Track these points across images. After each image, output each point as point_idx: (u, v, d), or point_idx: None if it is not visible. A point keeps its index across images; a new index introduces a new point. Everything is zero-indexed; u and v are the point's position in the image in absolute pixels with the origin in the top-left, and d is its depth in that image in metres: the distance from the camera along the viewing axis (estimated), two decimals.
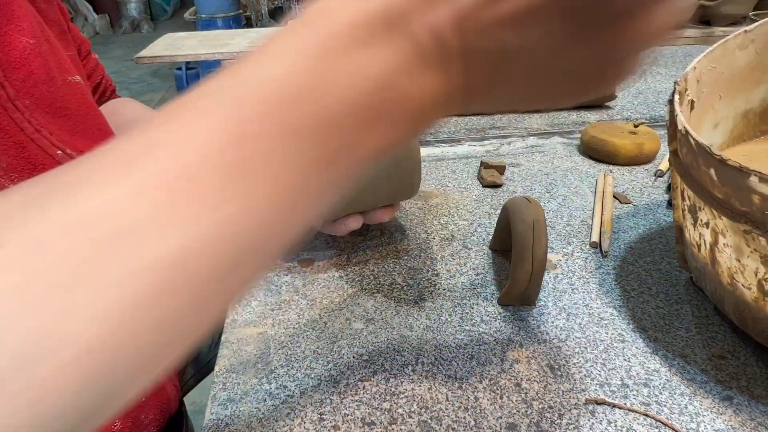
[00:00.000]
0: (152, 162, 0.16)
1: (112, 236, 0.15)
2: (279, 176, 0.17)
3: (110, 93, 0.67)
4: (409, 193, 0.45)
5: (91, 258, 0.15)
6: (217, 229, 0.16)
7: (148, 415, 0.51)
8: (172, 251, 0.16)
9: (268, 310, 0.44)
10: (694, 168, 0.36)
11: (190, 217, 0.16)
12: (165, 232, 0.16)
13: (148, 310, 0.15)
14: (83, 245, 0.15)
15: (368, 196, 0.42)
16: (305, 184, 0.18)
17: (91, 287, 0.15)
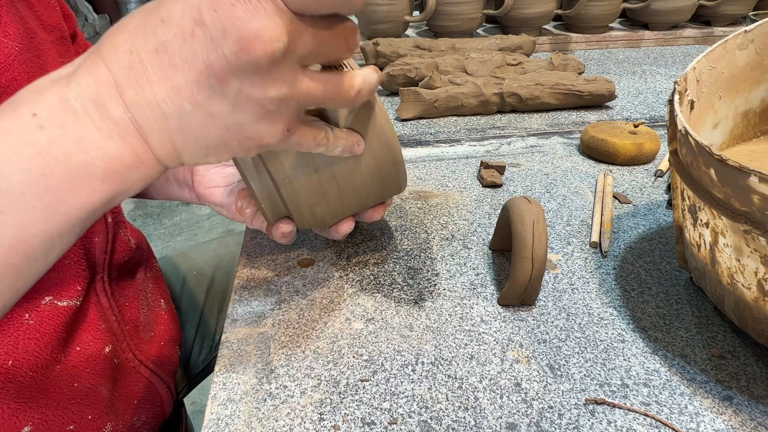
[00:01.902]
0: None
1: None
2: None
3: None
4: (396, 190, 0.45)
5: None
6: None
7: (140, 418, 0.50)
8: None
9: (268, 310, 0.44)
10: (694, 168, 0.36)
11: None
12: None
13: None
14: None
15: (354, 201, 0.42)
16: (12, 243, 0.24)
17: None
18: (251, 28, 0.23)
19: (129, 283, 0.52)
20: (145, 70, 0.24)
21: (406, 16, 1.11)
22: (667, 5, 1.16)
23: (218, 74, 0.24)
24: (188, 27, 0.23)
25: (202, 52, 0.23)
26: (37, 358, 0.40)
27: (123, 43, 0.24)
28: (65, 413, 0.42)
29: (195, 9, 0.23)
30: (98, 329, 0.45)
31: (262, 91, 0.25)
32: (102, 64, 0.24)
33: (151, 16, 0.23)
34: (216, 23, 0.23)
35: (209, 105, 0.25)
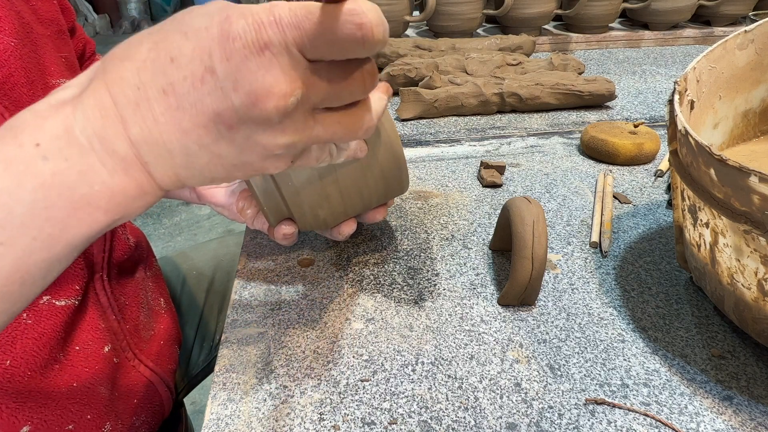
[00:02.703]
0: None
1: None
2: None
3: None
4: (399, 192, 0.45)
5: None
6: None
7: (140, 417, 0.50)
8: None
9: (268, 310, 0.44)
10: (694, 168, 0.36)
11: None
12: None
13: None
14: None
15: (357, 203, 0.43)
16: (10, 273, 0.24)
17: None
18: (264, 83, 0.22)
19: (128, 281, 0.52)
20: (151, 109, 0.23)
21: (406, 16, 1.11)
22: (667, 5, 1.16)
23: (227, 122, 0.23)
24: (198, 72, 0.22)
25: (211, 101, 0.22)
26: (36, 358, 0.40)
27: (131, 76, 0.23)
28: (64, 413, 0.42)
29: (206, 53, 0.22)
30: (98, 328, 0.45)
31: (272, 139, 0.24)
32: (108, 96, 0.23)
33: (160, 52, 0.22)
34: (228, 74, 0.22)
35: (216, 147, 0.24)
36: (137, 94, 0.23)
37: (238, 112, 0.23)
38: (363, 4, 0.23)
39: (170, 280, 0.69)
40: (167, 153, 0.24)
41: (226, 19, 0.22)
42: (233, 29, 0.21)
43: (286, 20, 0.22)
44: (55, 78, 0.45)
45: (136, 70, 0.23)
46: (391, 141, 0.41)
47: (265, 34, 0.22)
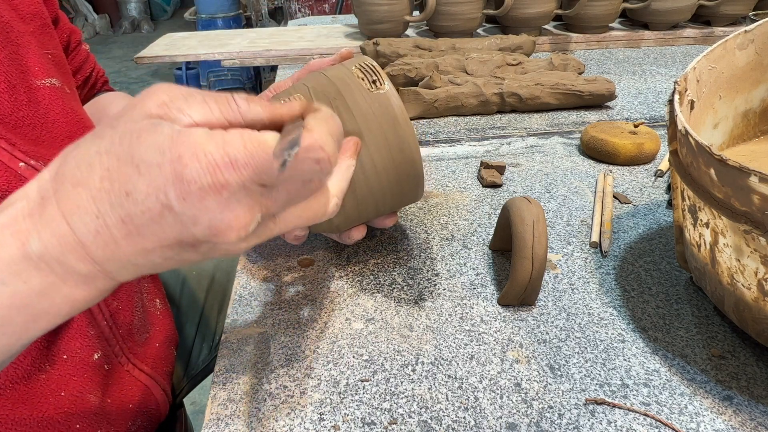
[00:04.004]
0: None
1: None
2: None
3: (101, 85, 0.65)
4: (412, 200, 0.45)
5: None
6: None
7: (136, 422, 0.50)
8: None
9: (268, 310, 0.44)
10: (694, 168, 0.36)
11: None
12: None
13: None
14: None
15: (371, 209, 0.43)
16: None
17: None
18: (223, 219, 0.22)
19: (122, 286, 0.51)
20: (112, 235, 0.23)
21: (406, 16, 1.11)
22: (667, 5, 1.16)
23: (189, 244, 0.23)
24: (156, 208, 0.22)
25: (171, 231, 0.23)
26: (17, 369, 0.39)
27: (87, 204, 0.22)
28: (52, 423, 0.41)
29: (162, 192, 0.21)
30: (86, 336, 0.45)
31: (235, 248, 0.25)
32: (65, 224, 0.23)
33: (114, 183, 0.22)
34: (185, 211, 0.22)
35: (180, 257, 0.24)
36: (96, 223, 0.23)
37: (199, 240, 0.23)
38: (318, 135, 0.23)
39: (170, 280, 0.69)
40: (133, 266, 0.24)
41: (179, 160, 0.21)
42: (187, 172, 0.21)
43: (241, 161, 0.21)
44: (41, 78, 0.43)
45: (91, 199, 0.22)
46: (411, 154, 0.41)
47: (221, 177, 0.21)
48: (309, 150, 0.22)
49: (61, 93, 0.45)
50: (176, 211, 0.22)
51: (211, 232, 0.22)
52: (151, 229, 0.22)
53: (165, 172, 0.21)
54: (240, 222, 0.23)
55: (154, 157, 0.21)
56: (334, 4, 2.97)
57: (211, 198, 0.22)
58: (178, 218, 0.22)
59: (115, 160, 0.22)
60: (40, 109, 0.43)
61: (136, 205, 0.22)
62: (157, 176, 0.21)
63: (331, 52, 1.11)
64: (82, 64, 0.60)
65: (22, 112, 0.41)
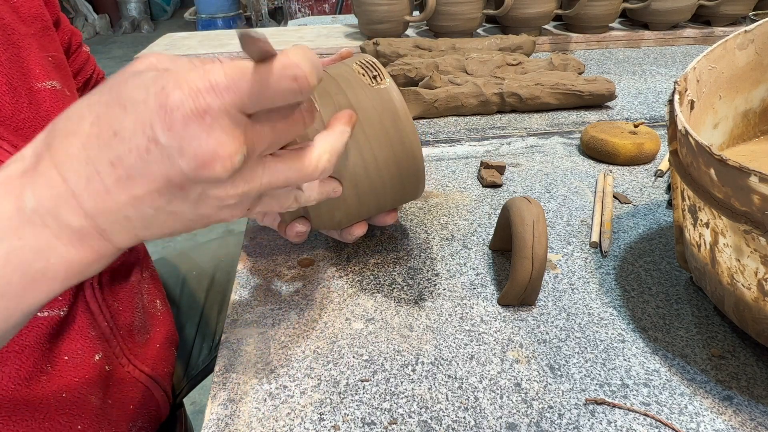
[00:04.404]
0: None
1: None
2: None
3: None
4: (413, 197, 0.45)
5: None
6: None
7: (136, 423, 0.50)
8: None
9: (268, 310, 0.44)
10: (694, 168, 0.36)
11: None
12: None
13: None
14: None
15: (372, 205, 0.43)
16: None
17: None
18: (208, 147, 0.22)
19: (122, 286, 0.51)
20: (102, 181, 0.23)
21: (406, 16, 1.11)
22: (667, 5, 1.16)
23: (178, 185, 0.23)
24: (142, 144, 0.22)
25: (159, 168, 0.23)
26: (19, 371, 0.39)
27: (78, 152, 0.23)
28: (53, 424, 0.41)
29: (147, 126, 0.22)
30: (87, 337, 0.45)
31: (223, 191, 0.25)
32: (57, 174, 0.23)
33: (102, 126, 0.23)
34: (171, 142, 0.22)
35: (171, 207, 0.24)
36: (87, 169, 0.23)
37: (187, 176, 0.23)
38: (293, 55, 0.23)
39: (170, 280, 0.69)
40: (124, 219, 0.24)
41: (162, 91, 0.22)
42: (170, 100, 0.21)
43: (222, 84, 0.22)
44: (41, 81, 0.43)
45: (81, 146, 0.23)
46: (413, 149, 0.41)
47: (203, 101, 0.22)
48: (285, 67, 0.23)
49: (62, 95, 0.45)
50: (162, 144, 0.22)
51: (197, 162, 0.22)
52: (139, 169, 0.23)
53: (149, 105, 0.22)
54: (225, 150, 0.23)
55: (139, 94, 0.22)
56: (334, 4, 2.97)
57: (195, 124, 0.22)
58: (165, 151, 0.22)
59: (104, 107, 0.23)
60: (41, 111, 0.43)
61: (124, 143, 0.22)
62: (142, 111, 0.22)
63: (331, 52, 1.11)
64: (83, 66, 0.60)
65: (24, 114, 0.41)
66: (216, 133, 0.22)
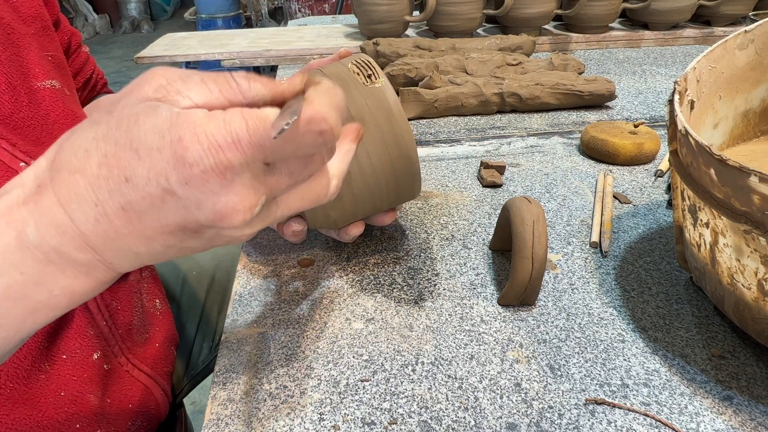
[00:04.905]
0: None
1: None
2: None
3: (101, 87, 0.65)
4: (410, 197, 0.45)
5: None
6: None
7: (135, 423, 0.50)
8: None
9: (268, 310, 0.44)
10: (694, 168, 0.36)
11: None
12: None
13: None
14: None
15: (368, 205, 0.43)
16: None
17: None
18: (227, 202, 0.22)
19: (121, 285, 0.51)
20: (112, 224, 0.22)
21: (406, 16, 1.11)
22: (667, 5, 1.16)
23: (192, 230, 0.23)
24: (157, 194, 0.21)
25: (174, 217, 0.22)
26: (17, 369, 0.39)
27: (85, 192, 0.22)
28: (51, 423, 0.41)
29: (162, 177, 0.21)
30: (86, 336, 0.45)
31: (239, 233, 0.24)
32: (63, 213, 0.22)
33: (112, 169, 0.21)
34: (189, 195, 0.21)
35: (183, 245, 0.24)
36: (95, 211, 0.22)
37: (203, 225, 0.22)
38: (319, 106, 0.22)
39: (169, 280, 0.69)
40: (134, 255, 0.24)
41: (179, 142, 0.20)
42: (188, 155, 0.20)
43: (244, 140, 0.21)
44: (41, 80, 0.43)
45: (89, 187, 0.22)
46: (407, 148, 0.41)
47: (224, 158, 0.21)
48: (311, 122, 0.22)
49: (61, 95, 0.45)
50: (178, 196, 0.21)
51: (216, 216, 0.22)
52: (152, 216, 0.22)
53: (165, 155, 0.21)
54: (245, 204, 0.22)
55: (153, 141, 0.21)
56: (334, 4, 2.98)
57: (215, 180, 0.21)
58: (181, 203, 0.21)
59: (113, 146, 0.22)
60: (41, 110, 0.43)
61: (136, 191, 0.21)
62: (157, 160, 0.21)
63: (330, 52, 1.11)
64: (83, 66, 0.60)
65: (23, 113, 0.41)
66: (236, 188, 0.22)
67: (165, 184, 0.21)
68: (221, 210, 0.22)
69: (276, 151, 0.22)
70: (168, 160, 0.21)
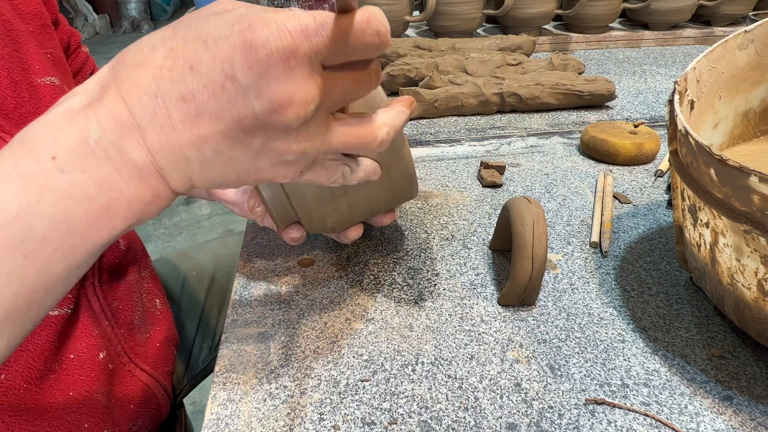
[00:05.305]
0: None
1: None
2: (7, 284, 0.22)
3: None
4: (407, 199, 0.45)
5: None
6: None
7: (137, 422, 0.50)
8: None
9: (268, 310, 0.44)
10: (694, 168, 0.36)
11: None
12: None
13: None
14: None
15: (364, 209, 0.43)
16: (34, 283, 0.23)
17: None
18: (286, 91, 0.22)
19: (121, 285, 0.51)
20: (170, 117, 0.23)
21: (406, 16, 1.11)
22: (667, 5, 1.16)
23: (246, 128, 0.23)
24: (218, 80, 0.22)
25: (231, 108, 0.22)
26: (31, 370, 0.40)
27: (147, 83, 0.22)
28: (61, 423, 0.42)
29: (227, 62, 0.22)
30: (91, 335, 0.45)
31: (287, 144, 0.25)
32: (123, 105, 0.23)
33: (177, 59, 0.22)
34: (249, 81, 0.22)
35: (231, 152, 0.24)
36: (154, 102, 0.22)
37: (258, 119, 0.23)
38: (374, 10, 0.23)
39: (170, 280, 0.69)
40: (184, 160, 0.24)
41: (248, 29, 0.21)
42: (256, 37, 0.21)
43: (312, 28, 0.22)
44: (41, 77, 0.44)
45: (152, 78, 0.22)
46: (402, 152, 0.41)
47: (291, 42, 0.22)
48: (369, 21, 0.23)
49: (61, 92, 0.45)
50: (239, 82, 0.22)
51: (272, 105, 0.22)
52: (210, 107, 0.22)
53: (233, 41, 0.21)
54: (302, 95, 0.23)
55: (222, 31, 0.22)
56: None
57: (278, 65, 0.22)
58: (241, 90, 0.22)
59: (179, 40, 0.22)
60: (42, 106, 0.43)
61: (199, 78, 0.22)
62: (224, 46, 0.22)
63: None
64: (82, 66, 0.60)
65: (25, 108, 0.42)
66: (296, 77, 0.22)
67: (228, 70, 0.22)
68: (279, 98, 0.22)
69: (336, 45, 0.23)
70: (235, 45, 0.21)
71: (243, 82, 0.22)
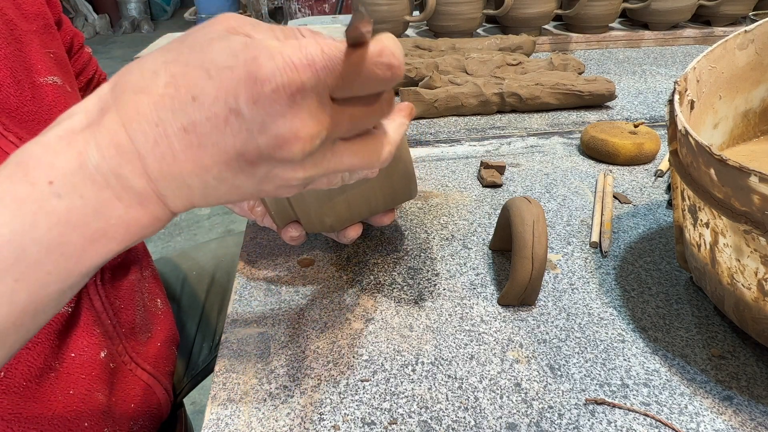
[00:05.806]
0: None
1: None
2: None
3: None
4: (407, 199, 0.45)
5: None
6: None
7: (138, 422, 0.50)
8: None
9: (268, 310, 0.44)
10: (694, 168, 0.36)
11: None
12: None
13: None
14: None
15: (363, 209, 0.43)
16: (25, 305, 0.23)
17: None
18: (291, 127, 0.22)
19: (123, 284, 0.51)
20: (171, 146, 0.22)
21: (406, 16, 1.11)
22: (667, 5, 1.16)
23: (249, 161, 0.23)
24: (222, 113, 0.21)
25: (235, 141, 0.22)
26: (30, 368, 0.40)
27: (148, 111, 0.22)
28: (61, 422, 0.42)
29: (231, 95, 0.21)
30: (93, 334, 0.45)
31: (291, 173, 0.24)
32: (124, 133, 0.22)
33: (179, 88, 0.21)
34: (254, 116, 0.21)
35: (235, 180, 0.24)
36: (156, 132, 0.22)
37: (262, 153, 0.22)
38: (387, 42, 0.22)
39: (170, 280, 0.69)
40: (186, 186, 0.23)
41: (253, 61, 0.21)
42: (262, 72, 0.21)
43: (319, 63, 0.21)
44: (43, 76, 0.44)
45: (153, 106, 0.22)
46: (401, 153, 0.41)
47: (297, 78, 0.21)
48: (381, 54, 0.22)
49: (63, 91, 0.46)
50: (243, 116, 0.21)
51: (277, 142, 0.22)
52: (213, 139, 0.22)
53: (237, 73, 0.21)
54: (307, 131, 0.22)
55: (226, 60, 0.21)
56: (334, 4, 2.98)
57: (283, 101, 0.21)
58: (245, 125, 0.21)
59: (182, 66, 0.22)
60: (44, 105, 0.43)
61: (202, 110, 0.21)
62: (227, 78, 0.21)
63: None
64: (85, 67, 0.60)
65: (28, 107, 0.42)
66: (302, 113, 0.22)
67: (232, 103, 0.21)
68: (284, 134, 0.22)
69: (346, 79, 0.22)
70: (239, 78, 0.21)
71: (247, 116, 0.21)
